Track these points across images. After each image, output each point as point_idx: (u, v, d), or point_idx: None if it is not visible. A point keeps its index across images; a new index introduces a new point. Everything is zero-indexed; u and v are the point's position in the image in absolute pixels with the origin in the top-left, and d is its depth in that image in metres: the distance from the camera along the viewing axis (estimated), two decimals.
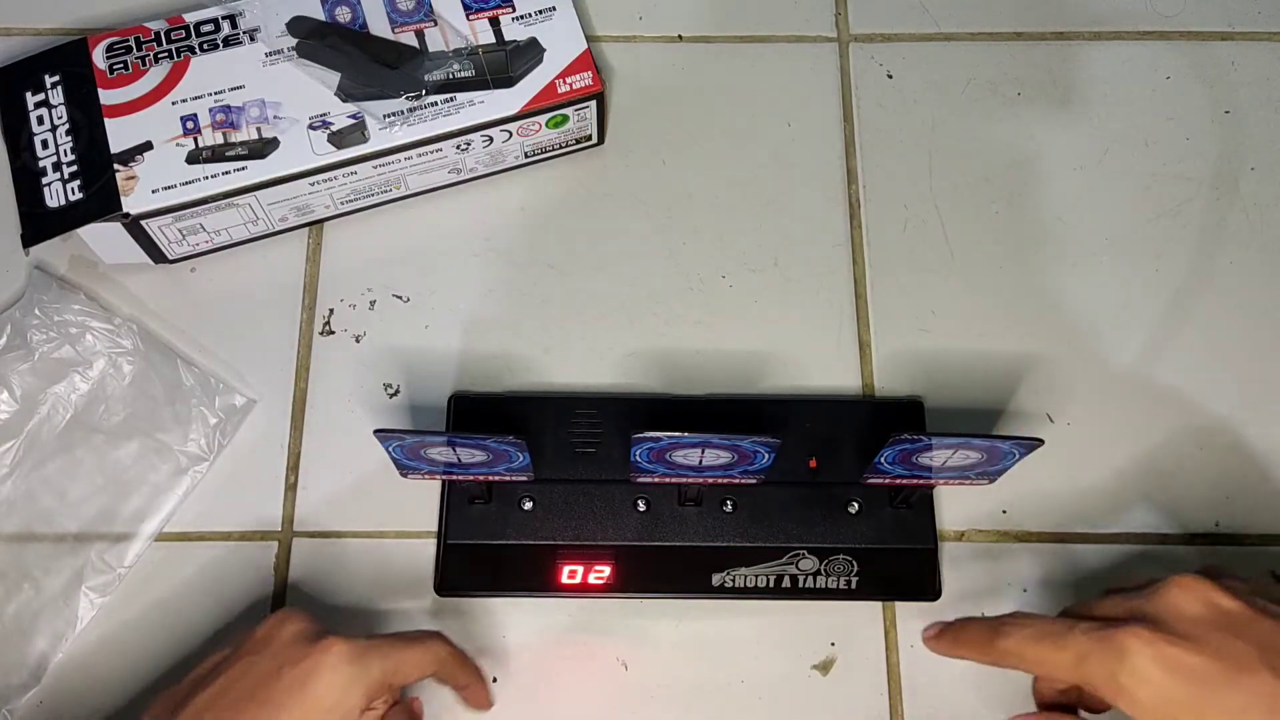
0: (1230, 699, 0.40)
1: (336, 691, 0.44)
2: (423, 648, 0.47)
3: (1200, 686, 0.41)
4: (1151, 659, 0.41)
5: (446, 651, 0.49)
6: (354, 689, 0.44)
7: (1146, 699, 0.41)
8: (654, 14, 0.67)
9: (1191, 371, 0.59)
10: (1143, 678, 0.41)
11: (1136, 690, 0.41)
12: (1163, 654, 0.41)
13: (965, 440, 0.47)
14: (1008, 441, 0.47)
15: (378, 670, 0.45)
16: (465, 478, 0.53)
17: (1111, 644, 0.42)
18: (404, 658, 0.46)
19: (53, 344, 0.57)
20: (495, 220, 0.62)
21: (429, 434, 0.48)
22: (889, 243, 0.62)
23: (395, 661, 0.46)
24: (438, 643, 0.48)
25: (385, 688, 0.45)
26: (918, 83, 0.65)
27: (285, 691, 0.43)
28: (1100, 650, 0.42)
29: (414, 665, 0.47)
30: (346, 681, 0.44)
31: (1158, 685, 0.41)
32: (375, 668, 0.45)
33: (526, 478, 0.52)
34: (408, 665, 0.47)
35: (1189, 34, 0.67)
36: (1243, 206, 0.63)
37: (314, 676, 0.44)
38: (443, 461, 0.51)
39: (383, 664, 0.45)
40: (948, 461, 0.49)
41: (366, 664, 0.45)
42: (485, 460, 0.50)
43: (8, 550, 0.55)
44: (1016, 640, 0.45)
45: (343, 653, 0.45)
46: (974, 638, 0.47)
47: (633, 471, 0.51)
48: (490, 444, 0.48)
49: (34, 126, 0.57)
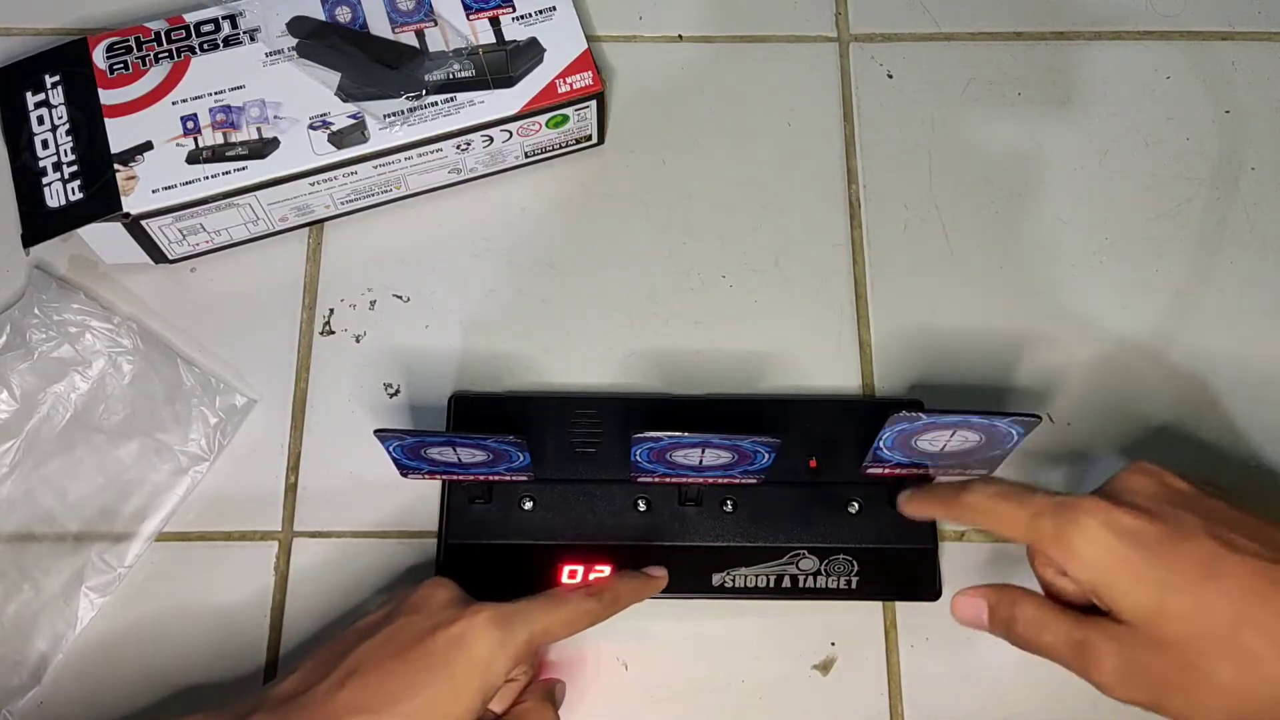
0: (1169, 560, 0.42)
1: (486, 652, 0.45)
2: (567, 607, 0.48)
3: (1142, 548, 0.42)
4: (1101, 522, 0.43)
5: (593, 605, 0.49)
6: (502, 651, 0.46)
7: (1090, 556, 0.43)
8: (654, 14, 0.67)
9: (1192, 372, 0.59)
10: (1090, 537, 0.43)
11: (1083, 548, 0.43)
12: (1112, 518, 0.43)
13: (964, 419, 0.48)
14: (1006, 419, 0.48)
15: (524, 633, 0.47)
16: (465, 478, 0.53)
17: (1068, 506, 0.44)
18: (550, 619, 0.48)
19: (52, 343, 0.57)
20: (495, 220, 0.62)
21: (429, 434, 0.49)
22: (889, 243, 0.62)
23: (541, 623, 0.47)
24: (581, 597, 0.49)
25: (532, 650, 0.47)
26: (918, 83, 0.65)
27: (439, 650, 0.45)
28: (1056, 510, 0.44)
29: (559, 625, 0.48)
30: (495, 643, 0.46)
31: (1103, 544, 0.43)
32: (523, 630, 0.46)
33: (527, 478, 0.52)
34: (554, 626, 0.48)
35: (1189, 34, 0.67)
36: (1243, 206, 0.63)
37: (466, 637, 0.46)
38: (443, 461, 0.51)
39: (530, 627, 0.47)
40: (946, 446, 0.50)
41: (514, 627, 0.46)
42: (485, 460, 0.50)
43: (8, 550, 0.55)
44: (980, 496, 0.47)
45: (492, 617, 0.46)
46: (941, 495, 0.49)
47: (633, 471, 0.51)
48: (490, 444, 0.49)
49: (34, 126, 0.57)
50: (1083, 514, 0.43)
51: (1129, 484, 0.46)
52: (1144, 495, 0.45)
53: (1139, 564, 0.42)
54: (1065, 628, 0.44)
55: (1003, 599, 0.47)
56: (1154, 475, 0.46)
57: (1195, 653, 0.41)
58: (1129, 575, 0.42)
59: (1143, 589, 0.42)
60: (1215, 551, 0.42)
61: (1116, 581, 0.43)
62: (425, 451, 0.49)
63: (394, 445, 0.49)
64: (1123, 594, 0.43)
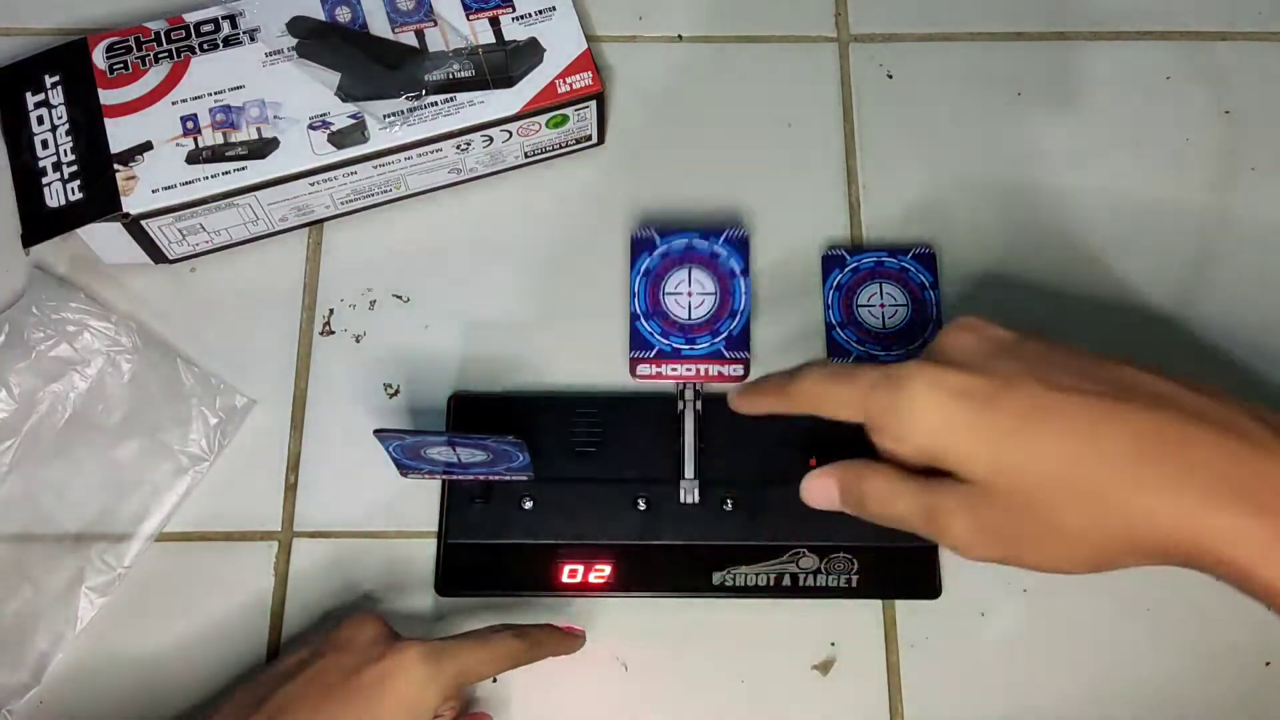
0: (998, 412, 0.41)
1: (413, 689, 0.46)
2: (493, 646, 0.49)
3: (971, 402, 0.41)
4: (928, 383, 0.42)
5: (518, 645, 0.50)
6: (430, 687, 0.46)
7: (924, 421, 0.42)
8: (654, 14, 0.67)
9: (1192, 373, 0.59)
10: (919, 401, 0.42)
11: (913, 414, 0.42)
12: (938, 378, 0.42)
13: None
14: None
15: (452, 669, 0.47)
16: (465, 478, 0.53)
17: (895, 376, 0.43)
18: (476, 657, 0.48)
19: (51, 343, 0.57)
20: (495, 220, 0.62)
21: (429, 434, 0.49)
22: (888, 243, 0.62)
23: (468, 661, 0.48)
24: (507, 638, 0.49)
25: (458, 687, 0.47)
26: (918, 83, 0.65)
27: (365, 687, 0.46)
28: (884, 382, 0.43)
29: (486, 663, 0.49)
30: (423, 680, 0.46)
31: (932, 405, 0.41)
32: (450, 667, 0.47)
33: (526, 478, 0.52)
34: (480, 664, 0.48)
35: (1189, 34, 0.67)
36: (1243, 206, 0.63)
37: (393, 675, 0.46)
38: (443, 461, 0.51)
39: (457, 664, 0.47)
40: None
41: (441, 664, 0.47)
42: (485, 460, 0.50)
43: (8, 550, 0.55)
44: (810, 381, 0.45)
45: (419, 653, 0.47)
46: (772, 386, 0.47)
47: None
48: (490, 444, 0.49)
49: (34, 126, 0.57)
50: (910, 380, 0.42)
51: (952, 341, 0.44)
52: (967, 351, 0.43)
53: (971, 420, 0.41)
54: (913, 495, 0.43)
55: (849, 475, 0.45)
56: (974, 329, 0.44)
57: (1039, 501, 0.40)
58: (963, 433, 0.41)
59: (977, 444, 0.41)
60: (1040, 395, 0.41)
61: (951, 441, 0.41)
62: (425, 451, 0.50)
63: (394, 445, 0.49)
64: (959, 453, 0.41)
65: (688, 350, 0.57)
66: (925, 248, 0.60)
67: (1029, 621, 0.54)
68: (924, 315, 0.58)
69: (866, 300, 0.59)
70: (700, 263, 0.59)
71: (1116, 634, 0.54)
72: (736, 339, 0.57)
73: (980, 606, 0.55)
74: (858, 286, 0.59)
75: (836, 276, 0.60)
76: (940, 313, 0.58)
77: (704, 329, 0.57)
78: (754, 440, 0.56)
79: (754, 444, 0.56)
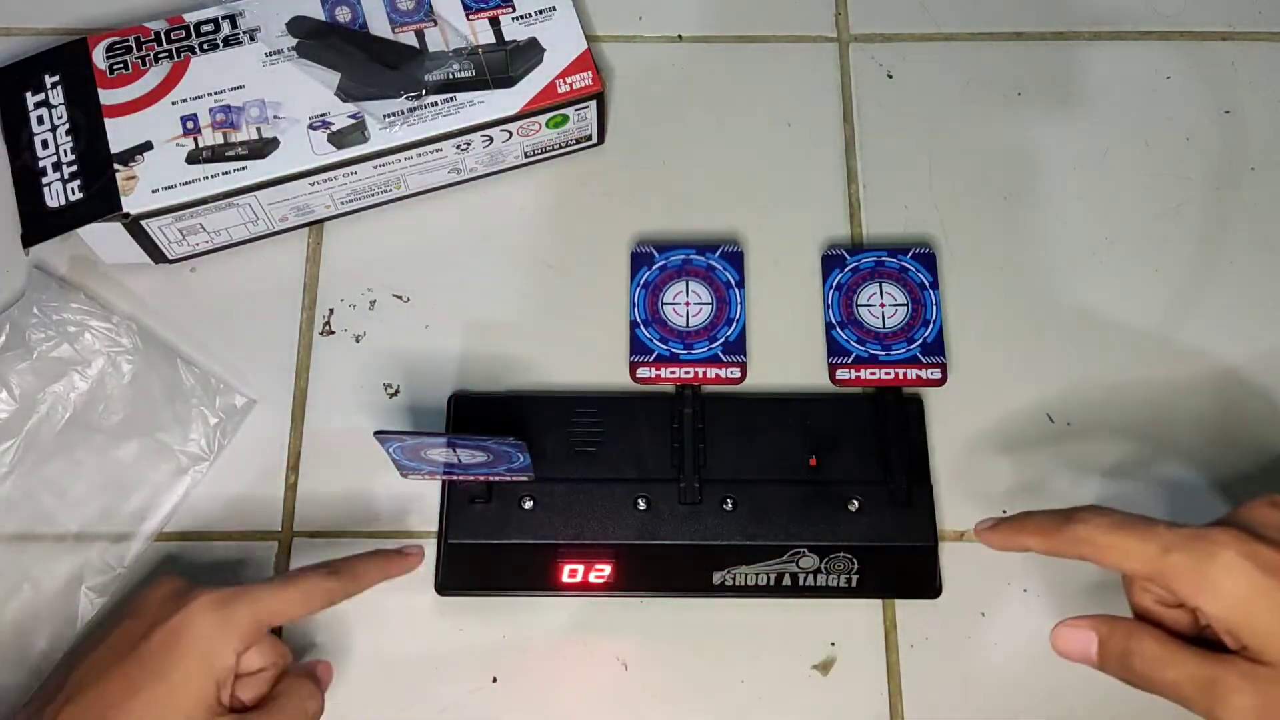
0: None
1: (204, 639, 0.44)
2: (299, 585, 0.47)
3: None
4: (1242, 553, 0.41)
5: (329, 582, 0.47)
6: (222, 636, 0.44)
7: (1231, 589, 0.41)
8: (654, 14, 0.67)
9: (1192, 372, 0.59)
10: (1230, 569, 0.41)
11: (1222, 580, 0.41)
12: (1253, 550, 0.41)
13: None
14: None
15: (246, 614, 0.45)
16: (465, 478, 0.53)
17: (1202, 538, 0.42)
18: (276, 597, 0.46)
19: (51, 343, 0.57)
20: (495, 220, 0.62)
21: (429, 435, 0.49)
22: (888, 243, 0.62)
23: (268, 604, 0.45)
24: (316, 575, 0.47)
25: (260, 630, 0.45)
26: (918, 83, 0.65)
27: (156, 648, 0.44)
28: (1189, 543, 0.42)
29: (290, 604, 0.46)
30: (214, 627, 0.44)
31: (1245, 577, 0.41)
32: (244, 612, 0.45)
33: (527, 478, 0.52)
34: (283, 605, 0.46)
35: (1189, 34, 0.67)
36: (1243, 206, 0.63)
37: (183, 629, 0.44)
38: (443, 462, 0.51)
39: (252, 607, 0.45)
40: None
41: (233, 609, 0.45)
42: (486, 461, 0.50)
43: (8, 550, 0.55)
44: (1093, 527, 0.43)
45: (207, 601, 0.44)
46: (1040, 524, 0.45)
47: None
48: (490, 445, 0.49)
49: (34, 126, 0.57)
50: (1221, 547, 0.41)
51: (1262, 517, 0.43)
52: (1279, 529, 0.42)
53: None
54: (1192, 665, 0.42)
55: (1115, 631, 0.44)
56: None
57: None
58: (1272, 612, 0.40)
59: None
60: None
61: (1259, 618, 0.40)
62: (425, 453, 0.49)
63: (394, 447, 0.49)
64: (1262, 630, 0.40)
65: (686, 355, 0.57)
66: (925, 248, 0.60)
67: (1029, 621, 0.54)
68: (924, 315, 0.58)
69: (866, 300, 0.59)
70: (697, 275, 0.59)
71: None
72: (734, 344, 0.57)
73: (980, 606, 0.55)
74: (858, 286, 0.59)
75: (836, 276, 0.60)
76: (940, 313, 0.58)
77: (701, 335, 0.58)
78: (754, 440, 0.56)
79: (754, 444, 0.56)
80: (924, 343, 0.58)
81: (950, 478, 0.57)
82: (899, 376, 0.57)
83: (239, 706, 0.46)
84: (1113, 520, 0.44)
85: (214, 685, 0.44)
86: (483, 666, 0.54)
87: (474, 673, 0.54)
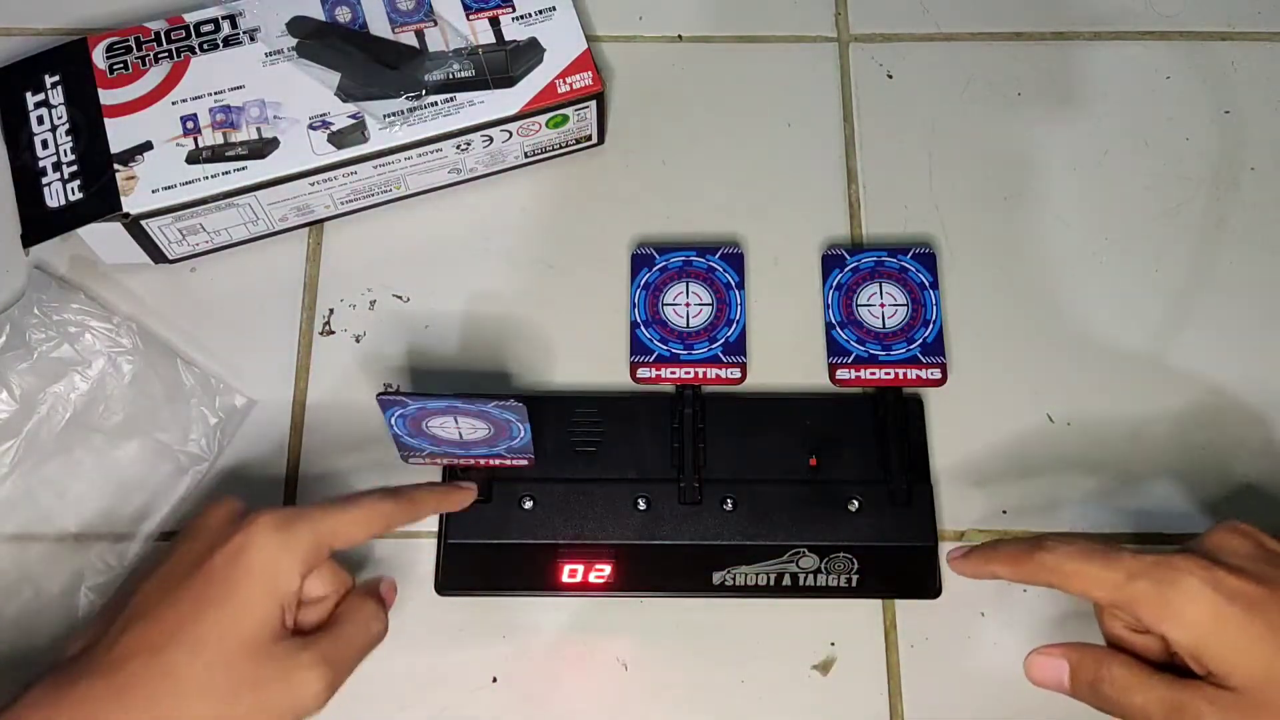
0: (1274, 618, 0.41)
1: (268, 559, 0.43)
2: (361, 507, 0.46)
3: (1248, 609, 0.41)
4: (1204, 580, 0.42)
5: (389, 506, 0.47)
6: (285, 556, 0.43)
7: (1194, 616, 0.41)
8: (654, 14, 0.67)
9: (1192, 372, 0.59)
10: (1193, 596, 0.41)
11: (1185, 608, 0.42)
12: (1215, 577, 0.42)
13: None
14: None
15: (308, 534, 0.44)
16: (466, 460, 0.53)
17: (1165, 565, 0.42)
18: (339, 519, 0.45)
19: (52, 343, 0.57)
20: (495, 220, 0.62)
21: (431, 397, 0.48)
22: (888, 243, 0.62)
23: (330, 524, 0.45)
24: (376, 499, 0.47)
25: (322, 552, 0.45)
26: (918, 83, 0.65)
27: (219, 569, 0.43)
28: (1152, 570, 0.42)
29: (352, 525, 0.45)
30: (277, 547, 0.43)
31: (1207, 604, 0.41)
32: (305, 532, 0.44)
33: (526, 460, 0.52)
34: (344, 526, 0.45)
35: (1189, 34, 0.67)
36: (1243, 206, 0.63)
37: (244, 550, 0.43)
38: (445, 440, 0.50)
39: (314, 527, 0.44)
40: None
41: (295, 529, 0.44)
42: (487, 436, 0.50)
43: (8, 550, 0.55)
44: (1060, 555, 0.44)
45: (269, 521, 0.44)
46: (1010, 553, 0.46)
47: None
48: (492, 411, 0.48)
49: (34, 126, 0.57)
50: (1183, 574, 0.42)
51: (1223, 543, 0.44)
52: (1241, 555, 0.43)
53: (1245, 626, 0.41)
54: (1159, 690, 0.43)
55: (1085, 659, 0.45)
56: (1249, 535, 0.44)
57: None
58: (1235, 637, 0.41)
59: (1251, 652, 0.41)
60: None
61: (1222, 644, 0.41)
62: (427, 425, 0.49)
63: (395, 415, 0.48)
64: (1225, 655, 0.41)
65: (686, 355, 0.57)
66: (925, 247, 0.60)
67: (1029, 622, 0.54)
68: (924, 315, 0.58)
69: (866, 300, 0.59)
70: (697, 277, 0.59)
71: None
72: (734, 344, 0.57)
73: (980, 606, 0.55)
74: (857, 286, 0.59)
75: (836, 276, 0.60)
76: (940, 312, 0.58)
77: (702, 336, 0.58)
78: (754, 440, 0.56)
79: (754, 444, 0.56)
80: (924, 343, 0.58)
81: (950, 478, 0.57)
82: (899, 376, 0.57)
83: (302, 630, 0.45)
84: (1079, 548, 0.44)
85: (279, 608, 0.43)
86: (483, 666, 0.54)
87: (474, 673, 0.54)
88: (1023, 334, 0.60)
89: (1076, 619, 0.54)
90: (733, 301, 0.58)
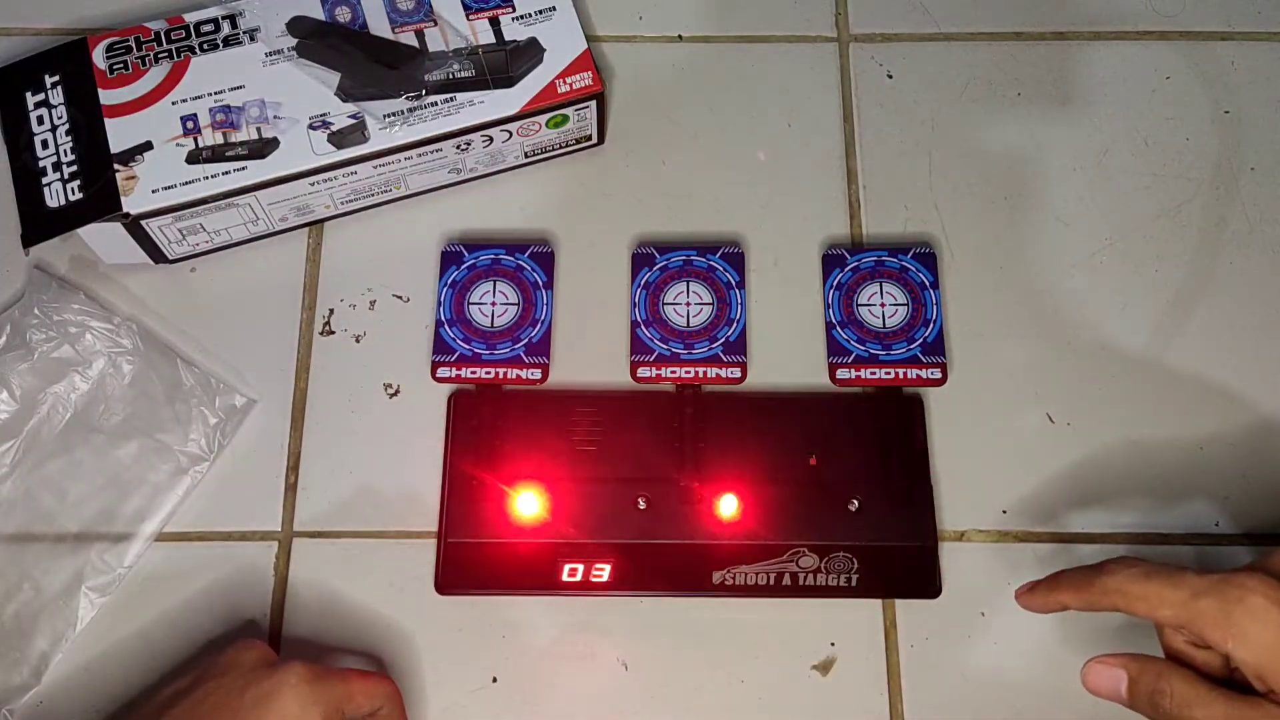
0: None
1: (296, 709, 0.46)
2: (376, 682, 0.50)
3: None
4: (1269, 599, 0.42)
5: (396, 693, 0.50)
6: (313, 708, 0.46)
7: (1258, 634, 0.41)
8: (654, 14, 0.67)
9: (1192, 372, 0.59)
10: (1258, 614, 0.41)
11: (1249, 626, 0.42)
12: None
13: None
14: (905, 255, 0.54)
15: (336, 693, 0.47)
16: (488, 367, 0.55)
17: (1230, 583, 0.42)
18: (359, 687, 0.49)
19: (52, 343, 0.57)
20: (495, 220, 0.62)
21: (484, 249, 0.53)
22: (889, 243, 0.62)
23: (352, 689, 0.48)
24: (390, 683, 0.50)
25: (339, 712, 0.48)
26: (918, 83, 0.65)
27: (250, 708, 0.46)
28: (1216, 589, 0.43)
29: (367, 695, 0.49)
30: (306, 700, 0.46)
31: (1272, 622, 0.41)
32: (334, 691, 0.47)
33: (540, 370, 0.55)
34: (362, 694, 0.49)
35: (1189, 34, 0.67)
36: (1243, 206, 0.63)
37: (276, 695, 0.46)
38: (480, 330, 0.53)
39: (342, 688, 0.48)
40: (886, 319, 0.51)
41: (325, 686, 0.47)
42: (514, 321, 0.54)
43: (8, 550, 0.55)
44: (1122, 578, 0.45)
45: (303, 674, 0.47)
46: (1072, 580, 0.47)
47: (634, 357, 0.54)
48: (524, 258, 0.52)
49: (34, 126, 0.57)
50: (1249, 592, 0.42)
51: None
52: None
53: None
54: (1220, 706, 0.42)
55: (1146, 671, 0.45)
56: None
57: None
58: None
59: None
60: None
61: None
62: (468, 303, 0.52)
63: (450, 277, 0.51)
64: None
65: (686, 354, 0.57)
66: (925, 247, 0.60)
67: (1029, 622, 0.54)
68: (924, 315, 0.58)
69: (866, 299, 0.59)
70: (698, 276, 0.59)
71: (1116, 634, 0.54)
72: (734, 344, 0.57)
73: (980, 606, 0.55)
74: (858, 286, 0.59)
75: (836, 276, 0.60)
76: (940, 312, 0.58)
77: (702, 335, 0.58)
78: (754, 440, 0.56)
79: (754, 444, 0.56)
80: (924, 342, 0.58)
81: (950, 478, 0.57)
82: (899, 376, 0.57)
83: None
84: (1142, 570, 0.45)
85: None
86: (483, 666, 0.54)
87: (474, 673, 0.54)
88: (1023, 334, 0.60)
89: (1077, 618, 0.54)
90: (733, 301, 0.58)
